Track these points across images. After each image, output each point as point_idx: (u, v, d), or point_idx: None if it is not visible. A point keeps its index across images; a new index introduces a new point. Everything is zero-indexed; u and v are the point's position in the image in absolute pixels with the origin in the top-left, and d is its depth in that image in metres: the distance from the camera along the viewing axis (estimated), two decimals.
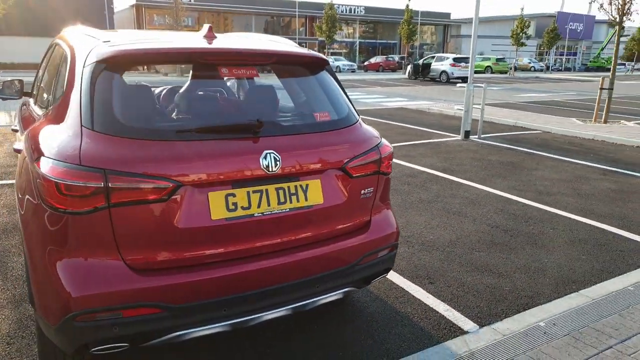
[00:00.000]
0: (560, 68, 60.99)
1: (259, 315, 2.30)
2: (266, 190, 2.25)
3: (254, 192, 2.22)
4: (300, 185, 2.34)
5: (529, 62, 54.03)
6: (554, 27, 51.16)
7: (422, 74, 33.56)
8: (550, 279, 3.78)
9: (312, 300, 2.44)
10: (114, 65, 2.20)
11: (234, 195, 2.17)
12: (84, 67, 2.25)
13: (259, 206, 2.23)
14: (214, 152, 2.17)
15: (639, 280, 3.73)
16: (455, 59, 31.62)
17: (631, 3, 12.79)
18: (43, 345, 2.37)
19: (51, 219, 1.98)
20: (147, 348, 2.21)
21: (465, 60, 30.35)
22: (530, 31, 52.31)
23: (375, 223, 2.64)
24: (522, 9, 49.13)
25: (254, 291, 2.22)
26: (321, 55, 2.78)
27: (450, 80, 30.26)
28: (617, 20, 12.95)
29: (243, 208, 2.19)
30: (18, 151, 2.73)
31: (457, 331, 3.04)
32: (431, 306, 3.34)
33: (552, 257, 4.23)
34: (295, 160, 2.32)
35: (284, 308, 2.36)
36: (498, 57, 45.83)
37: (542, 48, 58.59)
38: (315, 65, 2.71)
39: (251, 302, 2.25)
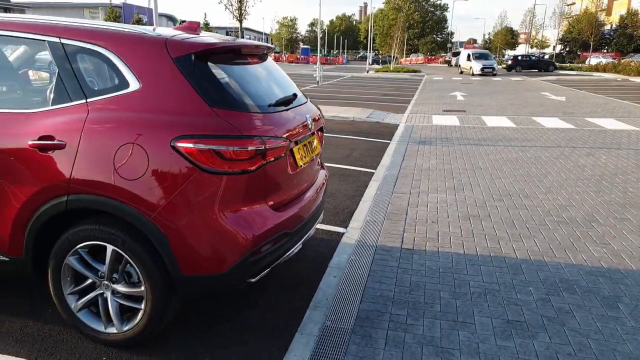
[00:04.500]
0: None
1: (307, 235, 3.23)
2: (308, 142, 3.20)
3: (303, 145, 3.10)
4: (312, 140, 3.30)
5: None
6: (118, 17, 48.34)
7: None
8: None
9: (314, 230, 3.46)
10: (215, 56, 2.73)
11: (300, 148, 3.03)
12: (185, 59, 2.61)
13: (306, 156, 3.13)
14: (293, 119, 2.97)
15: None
16: None
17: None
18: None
19: (233, 183, 2.54)
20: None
21: None
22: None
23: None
24: None
25: (309, 216, 3.18)
26: None
27: None
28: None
29: (302, 157, 3.06)
30: None
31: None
32: None
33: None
34: (312, 120, 3.22)
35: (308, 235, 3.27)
36: None
37: None
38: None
39: (310, 224, 3.24)
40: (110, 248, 2.60)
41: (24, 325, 2.97)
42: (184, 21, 3.45)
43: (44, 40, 2.74)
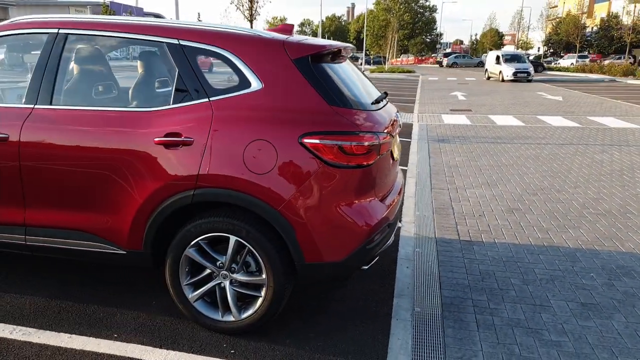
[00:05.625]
0: None
1: (396, 227, 3.49)
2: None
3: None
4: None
5: None
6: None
7: None
8: None
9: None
10: (324, 58, 2.91)
11: (394, 142, 3.20)
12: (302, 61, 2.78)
13: (398, 150, 3.37)
14: (389, 115, 3.19)
15: None
16: None
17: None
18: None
19: (352, 176, 2.71)
20: None
21: None
22: None
23: None
24: None
25: (399, 208, 3.38)
26: None
27: None
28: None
29: (396, 151, 3.29)
30: None
31: None
32: None
33: None
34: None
35: None
36: None
37: None
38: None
39: (398, 215, 3.41)
40: (233, 239, 2.75)
41: (136, 316, 3.11)
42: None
43: (162, 42, 2.88)
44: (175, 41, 2.86)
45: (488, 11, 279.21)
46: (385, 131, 2.91)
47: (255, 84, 2.74)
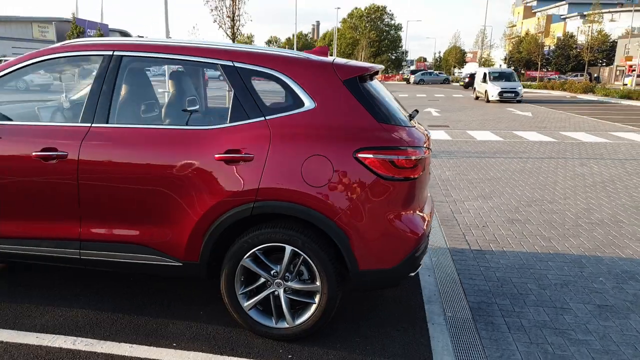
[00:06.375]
0: None
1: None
2: None
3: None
4: None
5: None
6: (80, 32, 46.65)
7: None
8: None
9: None
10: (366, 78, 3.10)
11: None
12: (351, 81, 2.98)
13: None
14: (424, 131, 3.38)
15: None
16: None
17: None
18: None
19: (401, 188, 2.89)
20: None
21: None
22: (51, 35, 52.82)
23: None
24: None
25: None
26: None
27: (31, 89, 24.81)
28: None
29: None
30: None
31: None
32: None
33: None
34: None
35: None
36: None
37: None
38: None
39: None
40: (289, 248, 2.90)
41: (188, 326, 3.20)
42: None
43: (217, 64, 3.04)
44: (230, 63, 3.02)
45: (449, 29, 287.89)
46: (425, 146, 3.13)
47: (308, 103, 2.92)
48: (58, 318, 3.23)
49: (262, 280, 3.02)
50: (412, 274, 3.09)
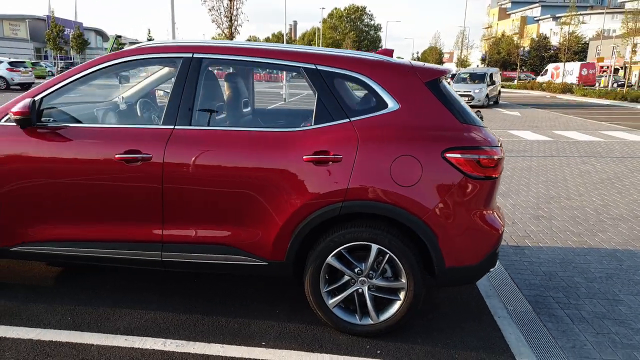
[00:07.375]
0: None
1: None
2: None
3: None
4: None
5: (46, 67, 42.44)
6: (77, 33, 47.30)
7: None
8: None
9: None
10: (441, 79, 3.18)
11: None
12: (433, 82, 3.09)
13: None
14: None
15: None
16: (12, 63, 27.49)
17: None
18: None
19: (484, 187, 2.99)
20: None
21: (23, 64, 27.93)
22: (22, 33, 52.53)
23: None
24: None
25: None
26: None
27: (11, 87, 26.47)
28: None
29: None
30: None
31: None
32: None
33: None
34: None
35: None
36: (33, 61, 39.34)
37: (42, 52, 57.21)
38: None
39: None
40: (375, 247, 2.97)
41: (269, 325, 3.24)
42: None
43: (299, 67, 3.10)
44: (312, 66, 3.09)
45: (428, 30, 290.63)
46: (500, 145, 3.25)
47: (392, 105, 3.01)
48: (139, 320, 3.23)
49: (346, 278, 3.08)
50: (492, 269, 3.20)
